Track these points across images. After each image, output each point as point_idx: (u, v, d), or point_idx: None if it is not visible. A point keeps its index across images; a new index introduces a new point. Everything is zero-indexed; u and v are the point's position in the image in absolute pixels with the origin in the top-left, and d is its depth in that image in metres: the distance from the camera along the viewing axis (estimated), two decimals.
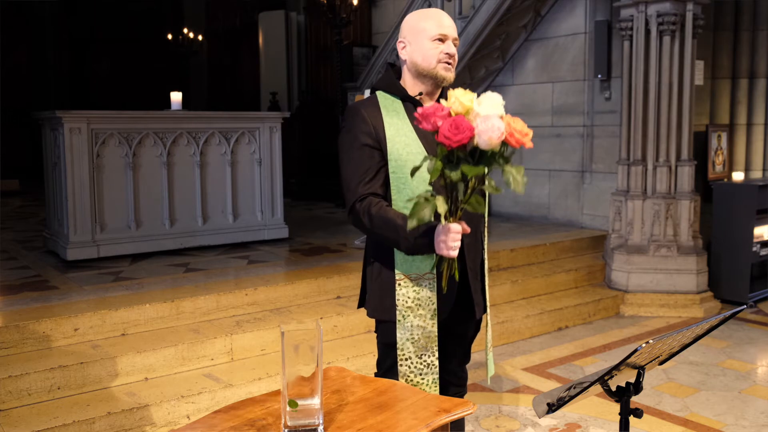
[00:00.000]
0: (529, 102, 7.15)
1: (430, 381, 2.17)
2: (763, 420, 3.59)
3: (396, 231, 2.00)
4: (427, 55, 2.14)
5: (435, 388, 2.17)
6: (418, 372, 2.16)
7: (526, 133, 1.79)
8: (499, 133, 1.73)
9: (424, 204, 1.76)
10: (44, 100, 13.14)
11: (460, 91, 1.81)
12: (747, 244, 5.79)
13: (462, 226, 1.89)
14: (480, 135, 1.73)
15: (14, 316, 3.78)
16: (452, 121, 1.74)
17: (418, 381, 2.16)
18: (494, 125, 1.73)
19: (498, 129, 1.73)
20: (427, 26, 2.14)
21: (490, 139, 1.73)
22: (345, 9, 8.51)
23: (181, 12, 14.55)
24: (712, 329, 1.91)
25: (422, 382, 2.16)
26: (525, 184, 1.77)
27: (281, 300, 4.49)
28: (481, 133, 1.73)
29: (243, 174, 5.83)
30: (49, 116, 5.24)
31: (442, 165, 1.75)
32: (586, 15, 6.61)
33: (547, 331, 5.14)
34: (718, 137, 6.42)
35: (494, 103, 1.80)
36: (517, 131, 1.77)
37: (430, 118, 1.77)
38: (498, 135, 1.73)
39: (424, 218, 1.75)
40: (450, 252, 1.89)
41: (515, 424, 3.53)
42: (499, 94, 1.84)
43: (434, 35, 2.13)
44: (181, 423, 3.36)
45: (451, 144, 1.71)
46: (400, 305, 2.14)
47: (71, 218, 5.02)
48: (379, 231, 2.06)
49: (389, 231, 2.03)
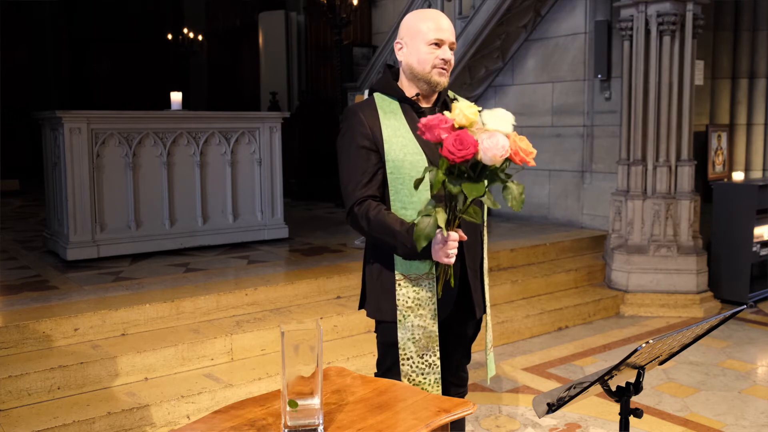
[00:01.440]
0: (529, 102, 7.15)
1: (432, 380, 2.17)
2: (763, 420, 3.59)
3: (393, 236, 2.03)
4: (422, 59, 2.14)
5: (437, 388, 2.18)
6: (420, 372, 2.17)
7: (531, 152, 1.81)
8: (503, 151, 1.75)
9: (426, 221, 1.82)
10: (44, 100, 13.13)
11: (465, 103, 1.82)
12: (747, 244, 5.79)
13: (459, 234, 1.94)
14: (484, 152, 1.75)
15: (14, 316, 3.78)
16: (456, 136, 1.75)
17: (420, 381, 2.17)
18: (499, 143, 1.74)
19: (502, 147, 1.75)
20: (424, 29, 2.14)
21: (494, 157, 1.74)
22: (345, 9, 8.51)
23: (181, 12, 14.54)
24: (712, 329, 1.91)
25: (424, 381, 2.17)
26: (522, 203, 1.80)
27: (281, 300, 4.49)
28: (486, 150, 1.74)
29: (243, 174, 5.83)
30: (49, 116, 5.24)
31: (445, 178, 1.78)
32: (586, 15, 6.61)
33: (547, 331, 5.14)
34: (718, 137, 6.42)
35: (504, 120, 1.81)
36: (521, 150, 1.78)
37: (434, 130, 1.79)
38: (502, 153, 1.75)
39: (430, 235, 1.82)
40: (447, 260, 1.94)
41: (515, 424, 3.53)
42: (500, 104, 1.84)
43: (431, 39, 2.13)
44: (181, 423, 3.36)
45: (454, 159, 1.74)
46: (401, 305, 2.15)
47: (71, 218, 5.02)
48: (377, 235, 2.09)
49: (387, 236, 2.05)
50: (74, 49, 13.99)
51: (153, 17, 14.33)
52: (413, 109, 2.19)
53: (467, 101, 1.85)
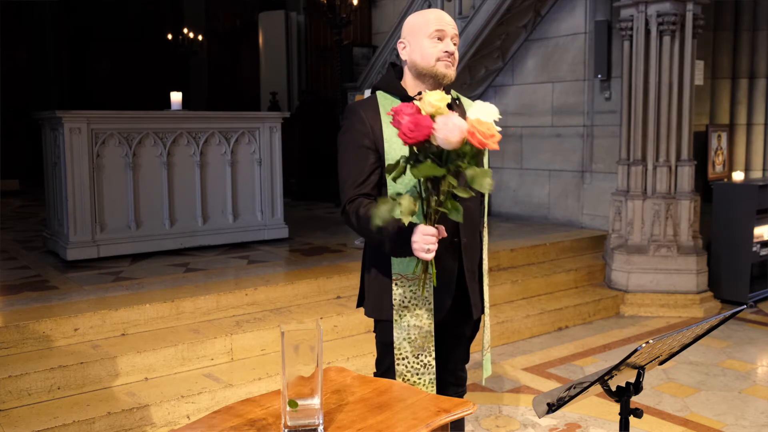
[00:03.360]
0: (529, 102, 7.15)
1: (426, 381, 2.17)
2: (763, 420, 3.59)
3: (380, 232, 2.00)
4: (425, 53, 2.13)
5: (432, 388, 2.17)
6: (415, 372, 2.16)
7: (491, 135, 1.74)
8: (458, 132, 1.70)
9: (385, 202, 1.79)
10: (44, 100, 13.13)
11: (435, 93, 1.79)
12: (747, 244, 5.79)
13: (439, 229, 1.87)
14: (437, 132, 1.71)
15: (14, 316, 3.78)
16: (413, 118, 1.72)
17: (415, 381, 2.16)
18: (454, 124, 1.70)
19: (458, 128, 1.70)
20: (425, 24, 2.14)
21: (447, 138, 1.70)
22: (345, 9, 8.51)
23: (181, 12, 14.54)
24: (712, 329, 1.91)
25: (419, 381, 2.17)
26: (491, 185, 1.75)
27: (281, 300, 4.49)
28: (438, 130, 1.71)
29: (243, 174, 5.83)
30: (49, 116, 5.24)
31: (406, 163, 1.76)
32: (586, 15, 6.60)
33: (547, 331, 5.14)
34: (718, 137, 6.41)
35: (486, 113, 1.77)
36: (479, 132, 1.72)
37: (397, 116, 1.76)
38: (457, 135, 1.70)
39: (383, 216, 1.78)
40: (423, 254, 1.88)
41: (515, 424, 3.53)
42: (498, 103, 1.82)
43: (432, 33, 2.13)
44: (181, 423, 3.36)
45: (407, 140, 1.72)
46: (397, 304, 2.14)
47: (71, 218, 5.02)
48: (366, 232, 2.08)
49: (374, 232, 2.03)
50: (74, 49, 13.99)
51: (153, 17, 14.33)
52: None
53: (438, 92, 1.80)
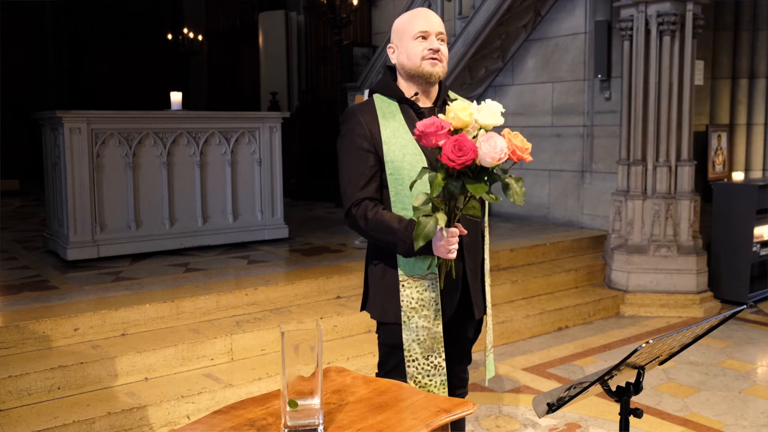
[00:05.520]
0: (529, 102, 7.15)
1: (438, 382, 2.17)
2: (763, 420, 3.59)
3: (393, 234, 2.03)
4: (411, 53, 2.16)
5: (443, 390, 2.17)
6: (426, 373, 2.16)
7: (526, 149, 1.82)
8: (502, 154, 1.76)
9: (426, 221, 1.82)
10: (44, 100, 13.13)
11: (459, 104, 1.82)
12: (747, 244, 5.79)
13: (459, 228, 1.94)
14: (483, 156, 1.75)
15: (14, 316, 3.78)
16: (455, 142, 1.74)
17: (425, 383, 2.16)
18: (497, 146, 1.75)
19: (501, 150, 1.75)
20: (409, 26, 2.18)
21: (493, 160, 1.75)
22: (345, 9, 8.51)
23: (181, 12, 14.55)
24: (712, 329, 1.91)
25: (430, 383, 2.16)
26: (524, 195, 1.81)
27: (281, 300, 4.49)
28: (485, 155, 1.75)
29: (243, 174, 5.83)
30: (49, 116, 5.24)
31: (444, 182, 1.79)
32: (586, 15, 6.60)
33: (547, 331, 5.14)
34: (718, 137, 6.41)
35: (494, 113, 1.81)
36: (518, 148, 1.80)
37: (430, 138, 1.79)
38: (500, 155, 1.76)
39: (429, 235, 1.82)
40: (449, 255, 1.95)
41: (515, 424, 3.53)
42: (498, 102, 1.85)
43: (416, 33, 2.15)
44: (181, 423, 3.36)
45: (455, 166, 1.74)
46: (405, 306, 2.14)
47: (71, 218, 5.02)
48: (376, 234, 2.09)
49: (386, 234, 2.05)
50: (74, 49, 13.99)
51: (153, 17, 14.33)
52: (412, 109, 2.19)
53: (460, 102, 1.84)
